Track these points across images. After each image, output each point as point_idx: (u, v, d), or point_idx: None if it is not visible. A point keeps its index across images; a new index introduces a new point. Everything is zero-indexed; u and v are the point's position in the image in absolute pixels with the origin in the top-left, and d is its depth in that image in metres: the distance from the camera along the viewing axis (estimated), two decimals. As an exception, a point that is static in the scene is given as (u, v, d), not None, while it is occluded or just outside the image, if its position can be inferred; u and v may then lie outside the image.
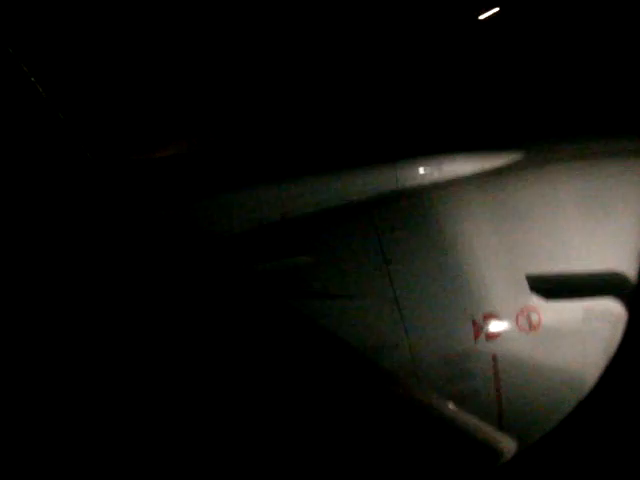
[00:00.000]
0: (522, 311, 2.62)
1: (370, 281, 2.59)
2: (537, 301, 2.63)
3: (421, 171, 2.72)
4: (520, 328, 2.61)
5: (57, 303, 2.47)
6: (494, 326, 2.60)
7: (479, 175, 2.73)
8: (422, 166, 2.72)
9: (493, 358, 2.60)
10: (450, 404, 2.62)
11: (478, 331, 2.58)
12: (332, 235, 2.67)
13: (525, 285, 2.64)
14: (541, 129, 2.96)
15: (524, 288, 2.64)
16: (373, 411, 2.59)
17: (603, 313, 2.71)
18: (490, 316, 2.60)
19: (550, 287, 2.65)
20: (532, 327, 2.62)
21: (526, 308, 2.62)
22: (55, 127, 2.69)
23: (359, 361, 2.58)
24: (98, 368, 2.44)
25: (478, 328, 2.58)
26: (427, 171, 2.72)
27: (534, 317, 2.62)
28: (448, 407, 2.62)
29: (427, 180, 2.72)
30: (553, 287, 2.66)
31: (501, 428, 2.68)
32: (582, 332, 2.69)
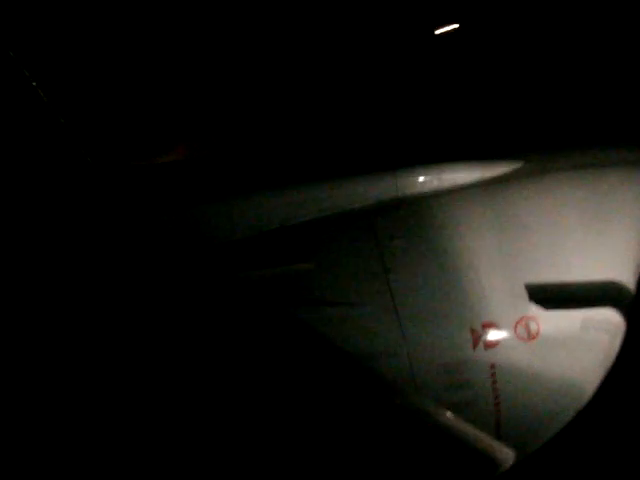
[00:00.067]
0: (521, 320, 2.61)
1: (369, 289, 2.59)
2: (536, 310, 2.62)
3: (421, 179, 2.72)
4: (519, 337, 2.61)
5: (58, 306, 2.48)
6: (493, 335, 2.59)
7: (479, 184, 2.74)
8: (422, 174, 2.72)
9: (491, 367, 2.59)
10: (448, 413, 2.61)
11: (477, 340, 2.57)
12: (332, 243, 2.67)
13: (524, 294, 2.63)
14: (541, 138, 2.97)
15: (523, 297, 2.63)
16: (371, 419, 2.58)
17: (602, 323, 2.70)
18: (489, 325, 2.59)
19: (549, 296, 2.64)
20: (531, 336, 2.61)
21: (525, 317, 2.62)
22: (56, 131, 2.70)
23: (357, 369, 2.57)
24: (96, 373, 2.44)
25: (477, 337, 2.57)
26: (427, 179, 2.72)
27: (533, 326, 2.62)
28: (446, 416, 2.61)
29: (427, 188, 2.72)
30: (552, 296, 2.65)
31: (499, 437, 2.67)
32: (581, 342, 2.68)
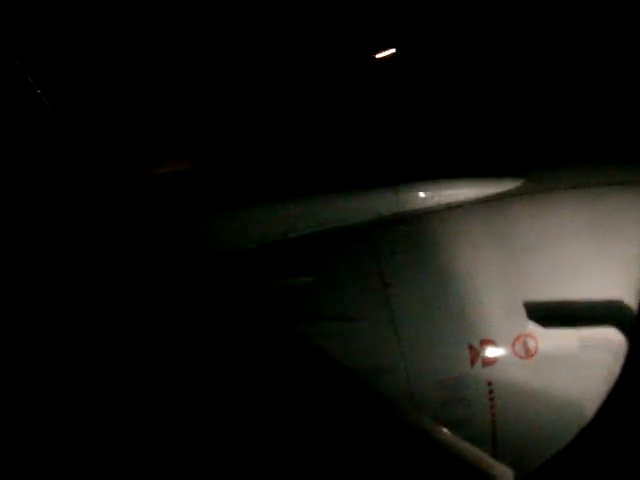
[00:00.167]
0: (519, 338, 2.60)
1: (368, 304, 2.58)
2: (535, 328, 2.61)
3: (422, 195, 2.72)
4: (517, 355, 2.59)
5: (58, 315, 2.48)
6: (491, 352, 2.58)
7: (480, 201, 2.73)
8: (423, 190, 2.72)
9: (489, 384, 2.58)
10: (445, 429, 2.60)
11: (475, 357, 2.57)
12: (332, 257, 2.67)
13: (523, 312, 2.62)
14: (543, 156, 2.96)
15: (522, 315, 2.62)
16: (368, 434, 2.57)
17: (602, 342, 2.68)
18: (487, 342, 2.58)
19: (548, 315, 2.63)
20: (529, 354, 2.60)
21: (523, 335, 2.60)
22: (59, 139, 2.72)
23: (354, 383, 2.57)
24: (94, 383, 2.44)
25: (475, 354, 2.57)
26: (428, 195, 2.72)
27: (531, 344, 2.60)
28: (442, 432, 2.60)
29: (428, 204, 2.72)
30: (551, 314, 2.64)
31: (495, 455, 2.65)
32: (580, 360, 2.66)
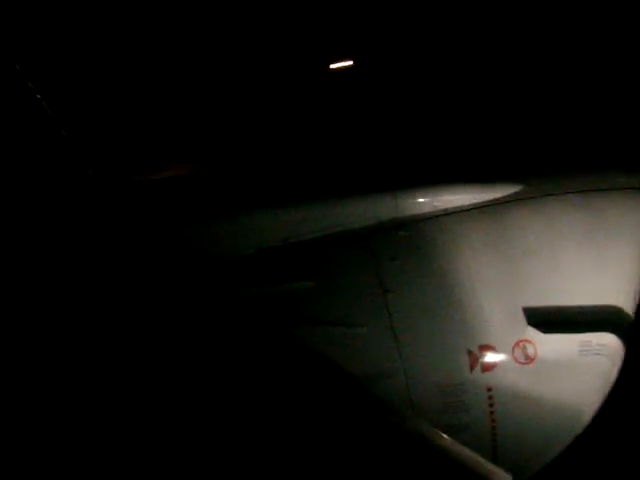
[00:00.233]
0: (518, 343, 2.61)
1: (368, 309, 2.58)
2: (533, 334, 2.61)
3: (421, 201, 2.73)
4: (516, 360, 2.60)
5: (57, 318, 2.47)
6: (490, 357, 2.58)
7: (478, 206, 2.75)
8: (422, 196, 2.74)
9: (488, 390, 2.58)
10: (444, 434, 2.59)
11: (474, 362, 2.57)
12: (331, 262, 2.67)
13: (522, 317, 2.63)
14: (541, 162, 2.98)
15: (521, 320, 2.62)
16: (366, 439, 2.57)
17: (601, 347, 2.69)
18: (486, 347, 2.58)
19: (547, 320, 2.64)
20: (528, 360, 2.61)
21: (522, 340, 2.61)
22: (58, 144, 2.71)
23: (354, 388, 2.56)
24: (93, 388, 2.43)
25: (474, 359, 2.57)
26: (427, 201, 2.73)
27: (530, 350, 2.61)
28: (442, 437, 2.60)
29: (427, 210, 2.73)
30: (550, 320, 2.65)
31: (495, 460, 2.65)
32: (579, 366, 2.67)
